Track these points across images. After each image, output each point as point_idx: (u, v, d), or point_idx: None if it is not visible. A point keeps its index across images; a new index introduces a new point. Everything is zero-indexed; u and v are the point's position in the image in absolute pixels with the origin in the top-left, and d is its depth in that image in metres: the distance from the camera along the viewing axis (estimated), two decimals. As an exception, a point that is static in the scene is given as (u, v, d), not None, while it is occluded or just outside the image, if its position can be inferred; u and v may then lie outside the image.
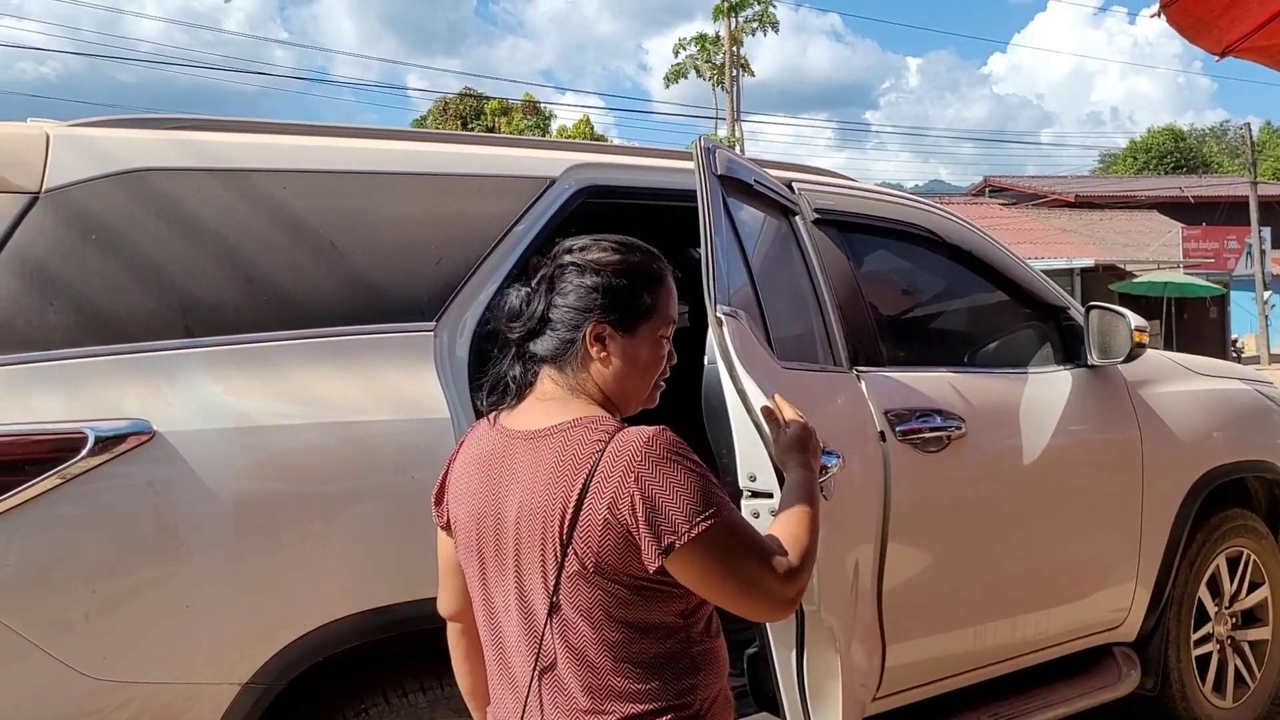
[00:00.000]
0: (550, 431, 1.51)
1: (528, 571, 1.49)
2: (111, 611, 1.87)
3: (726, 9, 31.27)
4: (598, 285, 1.57)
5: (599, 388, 1.57)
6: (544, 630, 1.48)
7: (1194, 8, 2.92)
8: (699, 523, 1.40)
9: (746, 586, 1.45)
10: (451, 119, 35.76)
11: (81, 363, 1.93)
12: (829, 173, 3.50)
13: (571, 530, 1.43)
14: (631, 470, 1.42)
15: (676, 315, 1.65)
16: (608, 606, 1.46)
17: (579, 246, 1.63)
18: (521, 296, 1.62)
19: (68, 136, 2.13)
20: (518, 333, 1.60)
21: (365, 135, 2.55)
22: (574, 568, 1.44)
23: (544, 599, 1.47)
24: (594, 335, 1.55)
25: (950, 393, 3.05)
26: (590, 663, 1.47)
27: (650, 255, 1.66)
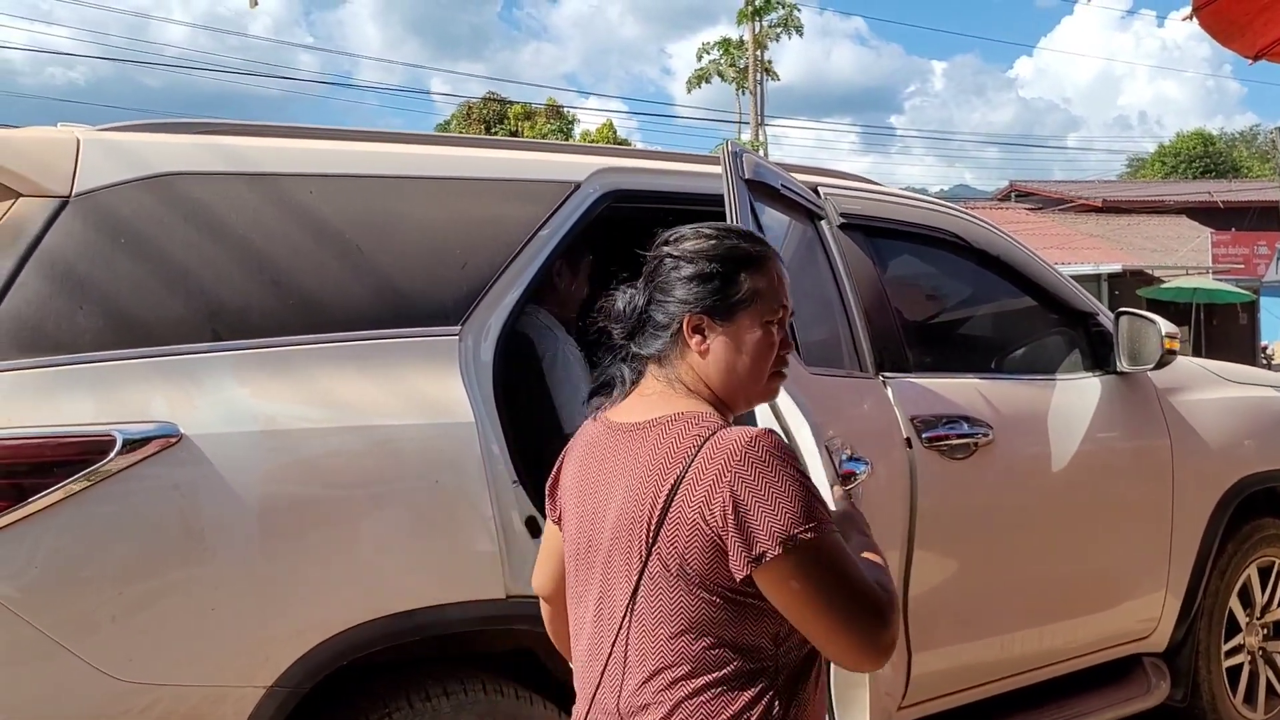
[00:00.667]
0: (649, 425, 1.46)
1: (615, 570, 1.44)
2: (138, 613, 1.87)
3: (750, 13, 31.27)
4: (692, 275, 1.51)
5: (704, 383, 1.50)
6: (618, 632, 1.43)
7: (1228, 10, 2.88)
8: (797, 534, 1.31)
9: (839, 619, 1.34)
10: (475, 123, 35.87)
11: (110, 366, 1.94)
12: (854, 177, 3.48)
13: (658, 530, 1.38)
14: (728, 470, 1.34)
15: (788, 300, 1.56)
16: (689, 615, 1.38)
17: (674, 237, 1.57)
18: (625, 296, 1.57)
19: (97, 141, 2.15)
20: (621, 333, 1.56)
21: (390, 140, 2.56)
22: (656, 569, 1.38)
23: (624, 600, 1.42)
24: (692, 327, 1.49)
25: (977, 399, 3.03)
26: (660, 673, 1.39)
27: (748, 238, 1.59)
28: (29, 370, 1.88)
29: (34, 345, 1.90)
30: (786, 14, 31.48)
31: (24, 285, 1.92)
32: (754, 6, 31.16)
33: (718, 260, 1.52)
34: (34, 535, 1.80)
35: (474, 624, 2.22)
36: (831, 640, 1.35)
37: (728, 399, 1.52)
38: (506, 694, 2.26)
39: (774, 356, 1.54)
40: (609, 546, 1.45)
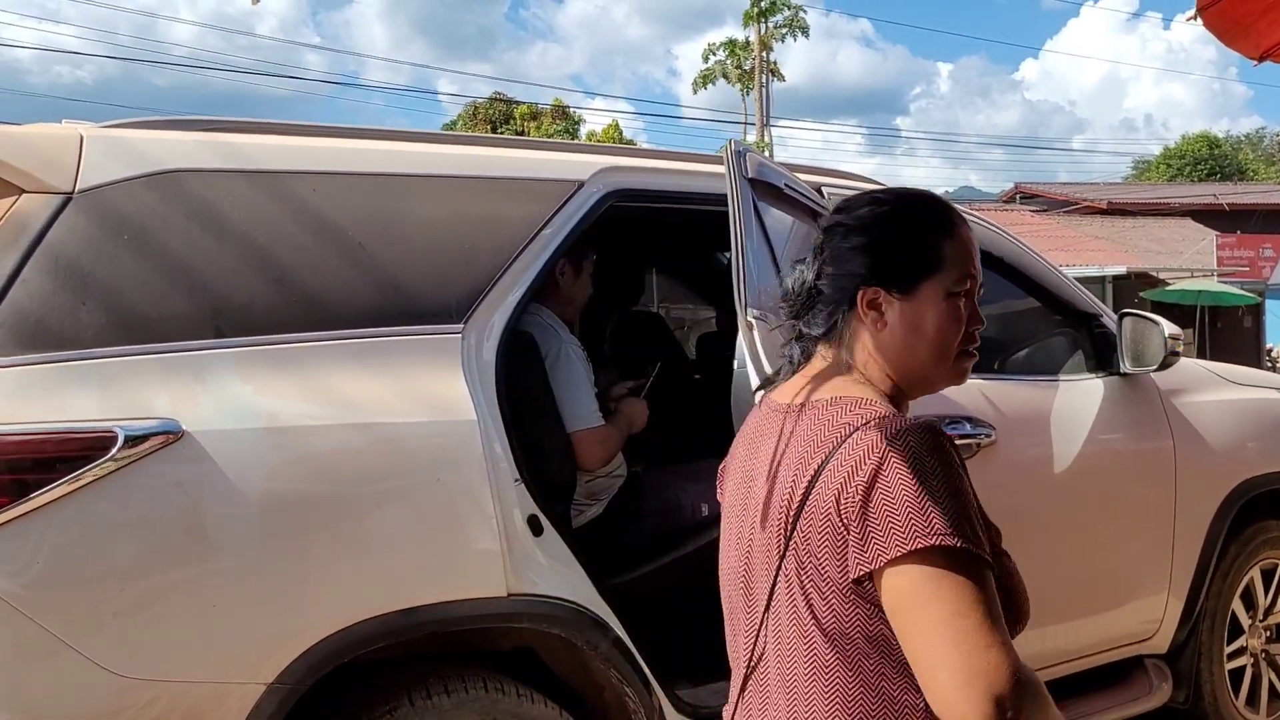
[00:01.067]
0: (804, 407, 1.36)
1: (758, 560, 1.36)
2: (140, 610, 1.88)
3: (756, 14, 31.29)
4: (863, 245, 1.37)
5: (879, 363, 1.37)
6: (760, 624, 1.35)
7: (1232, 11, 2.88)
8: (926, 539, 1.16)
9: (946, 651, 1.15)
10: (481, 123, 35.92)
11: (113, 362, 1.95)
12: (859, 177, 3.48)
13: (795, 521, 1.27)
14: (869, 459, 1.21)
15: (976, 268, 1.40)
16: (817, 609, 1.27)
17: (846, 205, 1.43)
18: (794, 272, 1.44)
19: (101, 138, 2.15)
20: (790, 311, 1.44)
21: (394, 138, 2.56)
22: (792, 563, 1.28)
23: (764, 592, 1.33)
24: (867, 302, 1.36)
25: (980, 400, 3.02)
26: (793, 665, 1.30)
27: (928, 200, 1.44)
28: (32, 366, 1.88)
29: (37, 341, 1.90)
30: (792, 15, 31.51)
31: (27, 281, 1.92)
32: (760, 8, 31.19)
33: (894, 226, 1.39)
34: (36, 531, 1.80)
35: (475, 622, 2.22)
36: (927, 666, 1.18)
37: (905, 381, 1.39)
38: (507, 691, 2.26)
39: (961, 333, 1.38)
40: (754, 543, 1.36)
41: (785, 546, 1.28)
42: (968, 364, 1.41)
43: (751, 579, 1.37)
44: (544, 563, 2.28)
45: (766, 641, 1.33)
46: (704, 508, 3.12)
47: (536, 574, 2.26)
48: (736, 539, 1.42)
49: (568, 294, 3.17)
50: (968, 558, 1.18)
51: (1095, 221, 30.21)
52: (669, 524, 3.10)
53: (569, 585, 2.31)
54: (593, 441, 2.92)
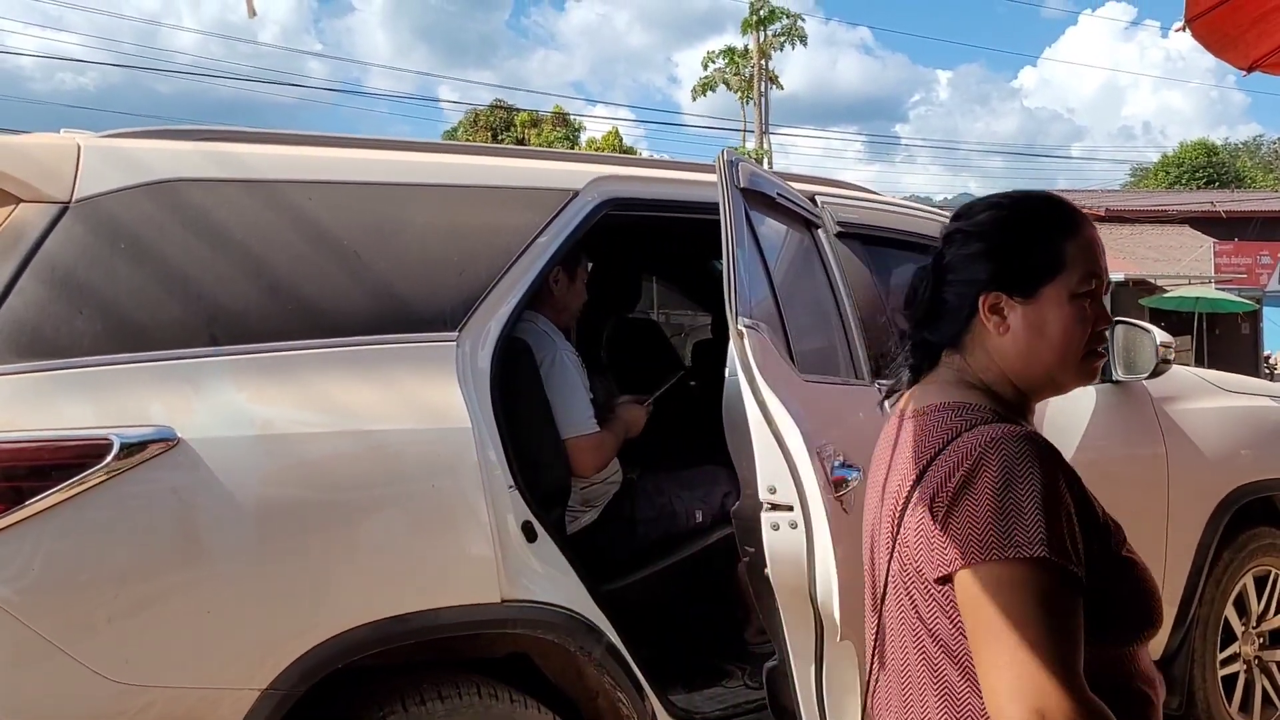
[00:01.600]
0: (918, 413, 1.37)
1: (878, 564, 1.38)
2: (134, 616, 1.88)
3: (755, 23, 31.34)
4: (982, 250, 1.37)
5: (998, 369, 1.37)
6: (877, 626, 1.38)
7: (1220, 22, 2.90)
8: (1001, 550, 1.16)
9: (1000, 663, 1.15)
10: (482, 130, 35.96)
11: (109, 370, 1.96)
12: (853, 186, 3.50)
13: (900, 525, 1.30)
14: (963, 465, 1.23)
15: (1101, 269, 1.38)
16: (920, 608, 1.29)
17: (964, 211, 1.43)
18: (916, 280, 1.45)
19: (98, 147, 2.17)
20: (914, 318, 1.45)
21: (389, 147, 2.58)
22: (897, 564, 1.31)
23: (880, 586, 1.36)
24: (989, 307, 1.36)
25: (973, 407, 3.03)
26: (904, 673, 1.32)
27: (1049, 202, 1.41)
28: (28, 374, 1.89)
29: (33, 349, 1.91)
30: (791, 24, 31.55)
31: (23, 290, 1.93)
32: (758, 16, 31.24)
33: (1012, 230, 1.38)
34: (32, 538, 1.80)
35: (469, 628, 2.23)
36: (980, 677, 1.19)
37: (1029, 385, 1.39)
38: (501, 698, 2.27)
39: (1088, 334, 1.37)
40: (873, 537, 1.40)
41: (893, 547, 1.32)
42: (1096, 364, 1.41)
43: (874, 575, 1.41)
44: (538, 569, 2.29)
45: (882, 635, 1.37)
46: (698, 514, 3.13)
47: (530, 580, 2.26)
48: (865, 538, 1.46)
49: (562, 301, 3.18)
50: (1044, 572, 1.16)
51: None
52: (663, 530, 3.11)
53: (563, 591, 2.32)
54: (587, 448, 2.94)
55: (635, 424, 3.24)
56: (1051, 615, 1.16)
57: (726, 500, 3.07)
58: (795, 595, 2.16)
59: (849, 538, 2.21)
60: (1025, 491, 1.19)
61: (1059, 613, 1.16)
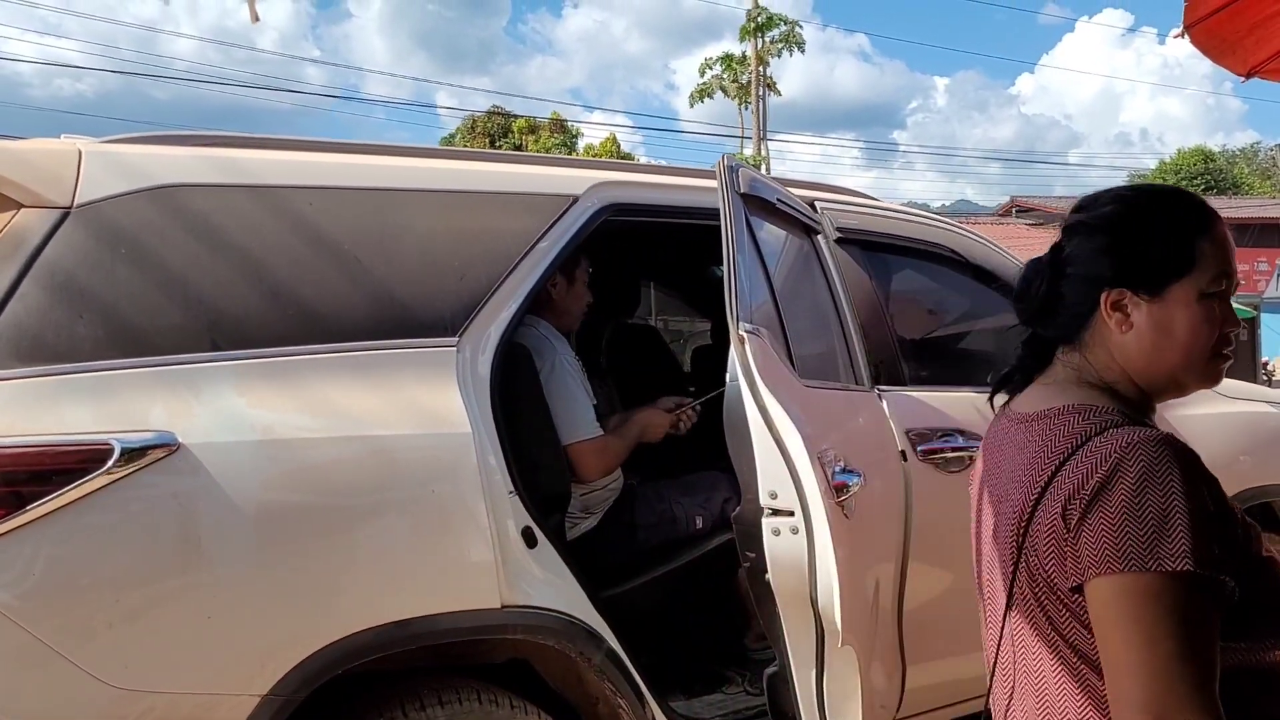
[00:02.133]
0: (1039, 416, 1.32)
1: (998, 574, 1.34)
2: (134, 621, 1.88)
3: (753, 29, 31.39)
4: (1107, 245, 1.31)
5: (1120, 369, 1.32)
6: (1000, 636, 1.33)
7: (1219, 28, 2.91)
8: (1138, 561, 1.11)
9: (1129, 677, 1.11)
10: (479, 137, 35.99)
11: (110, 375, 1.96)
12: (852, 192, 3.50)
13: (1025, 534, 1.25)
14: (1098, 471, 1.17)
15: (1232, 269, 1.32)
16: (1055, 623, 1.24)
17: (1087, 203, 1.37)
18: (1029, 273, 1.40)
19: (99, 153, 2.17)
20: (1026, 313, 1.41)
21: (389, 153, 2.58)
22: (1024, 573, 1.26)
23: (1003, 594, 1.31)
24: (1111, 304, 1.30)
25: (973, 413, 3.04)
26: (1040, 681, 1.27)
27: (1179, 197, 1.35)
28: (29, 379, 1.89)
29: (34, 354, 1.91)
30: (789, 30, 31.60)
31: (25, 295, 1.94)
32: (756, 23, 31.29)
33: (1142, 225, 1.32)
34: (33, 543, 1.80)
35: (469, 633, 2.23)
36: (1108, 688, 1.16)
37: (1151, 385, 1.33)
38: (501, 703, 2.27)
39: (1215, 336, 1.30)
40: (996, 548, 1.35)
41: (1018, 555, 1.26)
42: (1222, 366, 1.34)
43: (995, 583, 1.36)
44: (538, 574, 2.29)
45: (1009, 645, 1.32)
46: (698, 520, 3.13)
47: (530, 586, 2.26)
48: (980, 544, 1.41)
49: (563, 305, 3.18)
50: (1187, 586, 1.12)
51: (1091, 235, 30.20)
52: (664, 536, 3.11)
53: (563, 597, 2.32)
54: (589, 453, 2.93)
55: (653, 428, 3.22)
56: (1190, 630, 1.11)
57: (727, 506, 3.07)
58: (796, 600, 2.16)
59: (850, 543, 2.21)
60: (1166, 499, 1.13)
61: (1198, 627, 1.12)
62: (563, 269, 3.08)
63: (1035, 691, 1.29)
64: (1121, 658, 1.12)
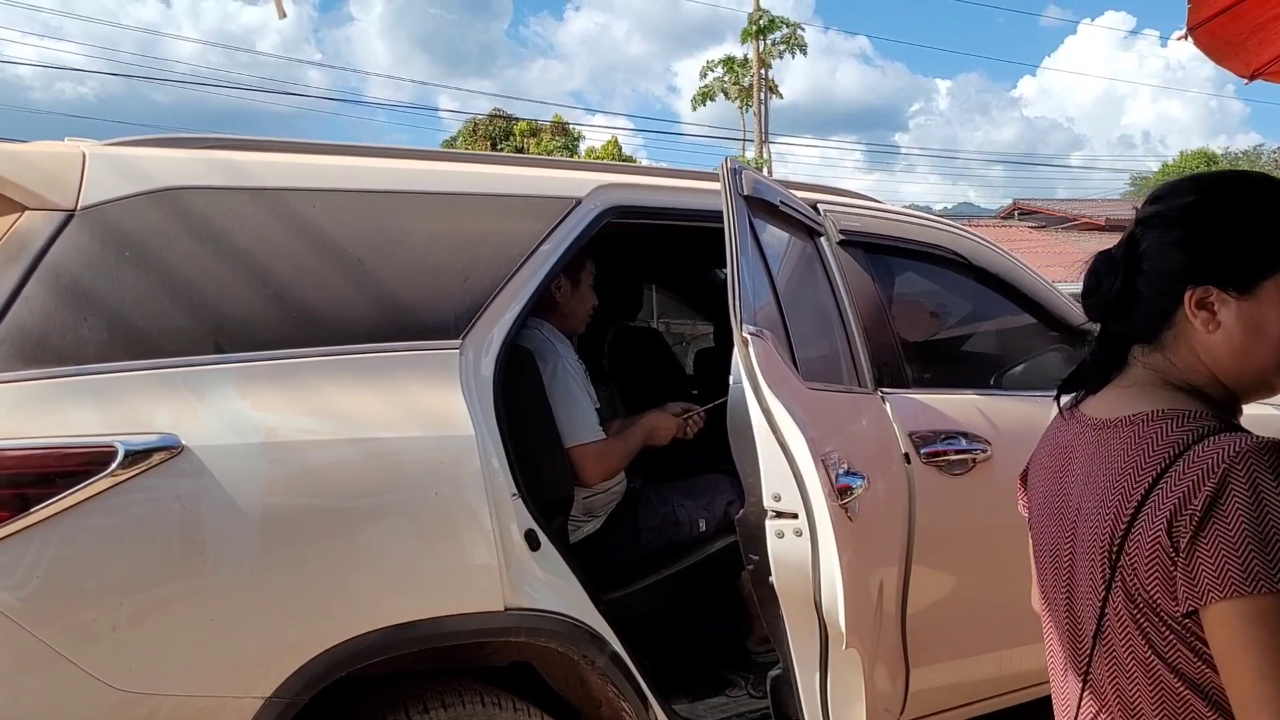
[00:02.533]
0: (1122, 422, 1.23)
1: (1079, 585, 1.25)
2: (138, 623, 1.88)
3: (754, 32, 31.41)
4: (1188, 238, 1.22)
5: (1207, 370, 1.23)
6: (1089, 660, 1.25)
7: (1222, 30, 2.90)
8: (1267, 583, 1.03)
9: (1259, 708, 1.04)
10: (481, 140, 36.00)
11: (113, 377, 1.96)
12: (855, 194, 3.50)
13: (1120, 551, 1.16)
14: (1206, 483, 1.08)
15: None
16: (1155, 652, 1.15)
17: (1165, 192, 1.29)
18: (1101, 264, 1.32)
19: (103, 155, 2.17)
20: (1096, 310, 1.32)
21: (392, 155, 2.59)
22: (1120, 594, 1.17)
23: (1090, 621, 1.23)
24: (1196, 302, 1.21)
25: (976, 415, 3.04)
26: (1136, 709, 1.19)
27: (1266, 185, 1.25)
28: (33, 381, 1.89)
29: (38, 356, 1.91)
30: (790, 33, 31.62)
31: (29, 298, 1.94)
32: (758, 25, 31.31)
33: (1228, 217, 1.22)
34: (37, 545, 1.80)
35: (472, 636, 2.23)
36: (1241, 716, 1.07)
37: (1241, 387, 1.25)
38: (504, 706, 2.27)
39: None
40: (1075, 564, 1.25)
41: (1111, 574, 1.18)
42: None
43: (1075, 603, 1.27)
44: (541, 577, 2.29)
45: (1101, 670, 1.24)
46: (701, 523, 3.13)
47: (533, 588, 2.26)
48: (1053, 559, 1.33)
49: (568, 308, 3.18)
50: None
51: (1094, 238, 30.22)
52: (666, 539, 3.11)
53: (566, 600, 2.32)
54: (591, 456, 2.93)
55: (660, 432, 3.22)
56: None
57: (730, 509, 3.07)
58: (800, 603, 2.16)
59: (854, 545, 2.21)
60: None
61: None
62: (567, 272, 3.08)
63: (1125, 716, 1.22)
64: (1255, 689, 1.04)
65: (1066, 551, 1.28)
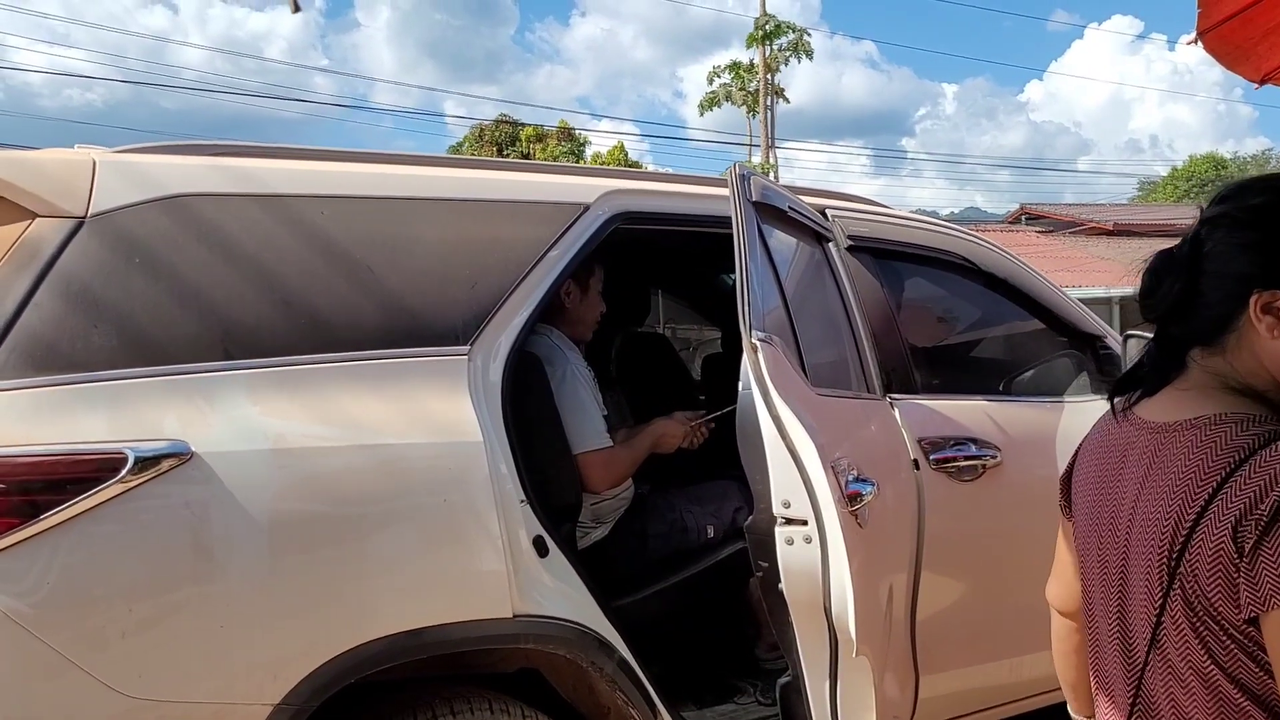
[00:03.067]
0: (1182, 426, 1.21)
1: (1132, 592, 1.23)
2: (148, 630, 1.88)
3: (761, 37, 31.42)
4: (1258, 241, 1.19)
5: (1269, 375, 1.20)
6: (1142, 668, 1.23)
7: (1232, 35, 2.90)
8: None
9: None
10: (487, 146, 36.06)
11: (123, 384, 1.96)
12: (863, 199, 3.50)
13: (1180, 557, 1.14)
14: (1275, 488, 1.06)
15: None
16: (1214, 660, 1.14)
17: (1232, 192, 1.25)
18: (1160, 265, 1.29)
19: (113, 162, 2.17)
20: (1155, 311, 1.30)
21: (400, 162, 2.59)
22: (1178, 601, 1.15)
23: (1145, 630, 1.21)
24: (1262, 307, 1.18)
25: (985, 421, 3.03)
26: (1192, 708, 1.18)
27: None
28: (43, 388, 1.90)
29: (49, 363, 1.92)
30: (797, 38, 31.63)
31: (39, 305, 1.94)
32: (764, 31, 31.33)
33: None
34: (47, 552, 1.81)
35: (480, 643, 2.22)
36: None
37: None
38: (512, 713, 2.27)
39: None
40: (1128, 572, 1.24)
41: (1170, 581, 1.16)
42: None
43: (1128, 611, 1.25)
44: (549, 584, 2.28)
45: (1155, 680, 1.22)
46: (710, 529, 3.13)
47: (542, 595, 2.26)
48: (1101, 567, 1.31)
49: (576, 314, 3.18)
50: None
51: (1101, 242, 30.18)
52: (675, 545, 3.10)
53: (574, 606, 2.31)
54: (597, 463, 2.92)
55: (666, 440, 3.21)
56: None
57: (738, 515, 3.06)
58: (809, 610, 2.15)
59: (864, 552, 2.20)
60: None
61: None
62: (576, 278, 3.08)
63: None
64: None
65: (1117, 559, 1.26)
